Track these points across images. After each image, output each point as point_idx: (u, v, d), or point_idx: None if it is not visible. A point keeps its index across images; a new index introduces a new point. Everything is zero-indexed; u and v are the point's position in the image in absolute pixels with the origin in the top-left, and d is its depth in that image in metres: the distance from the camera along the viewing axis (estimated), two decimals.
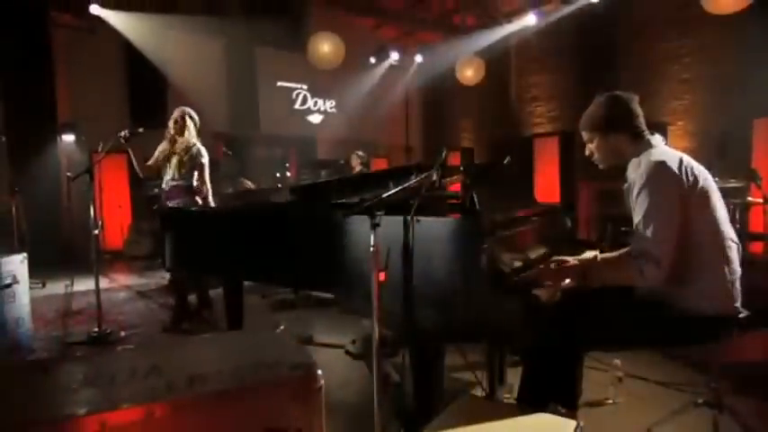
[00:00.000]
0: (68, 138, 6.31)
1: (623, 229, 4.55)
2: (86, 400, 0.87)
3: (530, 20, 7.12)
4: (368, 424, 1.56)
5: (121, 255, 6.45)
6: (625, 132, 1.68)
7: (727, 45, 5.88)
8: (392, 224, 1.57)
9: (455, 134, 9.66)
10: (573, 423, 1.29)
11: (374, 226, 1.54)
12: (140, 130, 3.47)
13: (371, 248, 1.52)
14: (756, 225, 4.73)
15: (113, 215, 6.43)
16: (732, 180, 4.11)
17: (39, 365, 1.21)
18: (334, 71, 7.58)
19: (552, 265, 1.70)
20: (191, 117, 3.57)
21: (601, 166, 1.80)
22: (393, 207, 1.58)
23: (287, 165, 7.90)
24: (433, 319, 1.61)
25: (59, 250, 6.00)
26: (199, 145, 3.57)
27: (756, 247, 4.89)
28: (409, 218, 1.55)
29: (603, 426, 2.06)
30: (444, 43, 8.26)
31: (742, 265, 1.60)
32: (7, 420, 0.77)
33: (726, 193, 1.94)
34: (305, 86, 8.74)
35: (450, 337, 1.68)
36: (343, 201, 2.03)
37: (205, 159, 3.55)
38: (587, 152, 1.80)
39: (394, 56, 8.66)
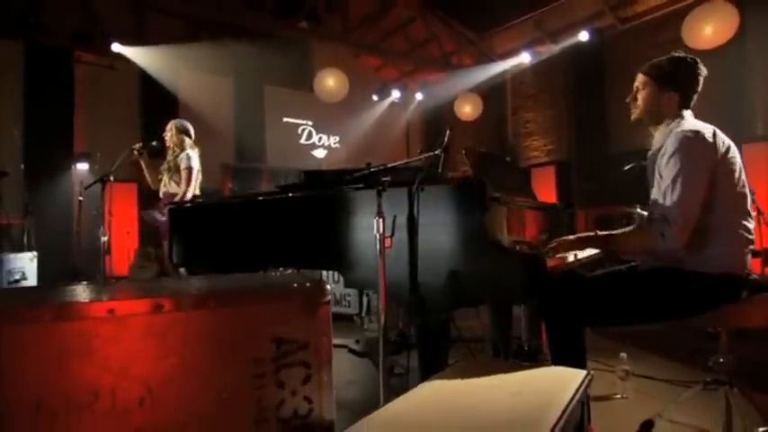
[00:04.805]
0: (83, 166, 6.56)
1: None
2: (95, 296, 0.90)
3: (523, 58, 7.54)
4: None
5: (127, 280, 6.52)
6: (680, 98, 1.65)
7: (712, 77, 6.14)
8: (398, 196, 1.64)
9: (455, 168, 9.90)
10: (583, 372, 1.28)
11: (380, 192, 1.62)
12: (154, 143, 3.66)
13: (377, 216, 1.59)
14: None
15: (121, 241, 6.55)
16: None
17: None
18: (338, 108, 7.94)
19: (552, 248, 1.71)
20: (178, 128, 3.73)
21: (633, 116, 1.77)
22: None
23: None
24: (439, 284, 1.62)
25: (66, 273, 6.08)
26: (189, 152, 3.67)
27: (754, 265, 4.91)
28: (414, 188, 1.63)
29: (614, 417, 2.06)
30: (443, 80, 8.67)
31: None
32: (12, 306, 0.79)
33: None
34: (310, 123, 9.08)
35: (455, 301, 1.66)
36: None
37: (193, 164, 3.62)
38: (629, 98, 1.77)
39: (395, 94, 9.09)
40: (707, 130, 1.58)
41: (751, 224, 1.61)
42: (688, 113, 1.68)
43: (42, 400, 0.77)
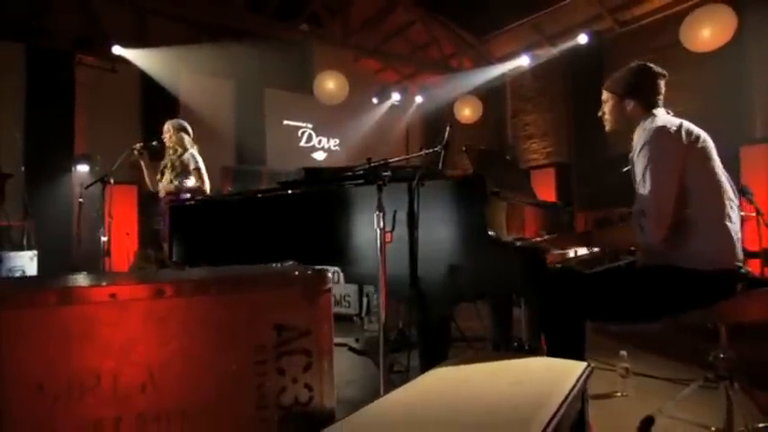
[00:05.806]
0: (83, 168, 6.57)
1: None
2: (97, 281, 0.90)
3: (523, 61, 7.58)
4: None
5: None
6: (640, 103, 1.71)
7: (710, 80, 6.20)
8: (398, 191, 1.65)
9: (454, 168, 9.91)
10: (583, 364, 1.27)
11: (380, 188, 1.62)
12: (154, 143, 3.67)
13: (377, 211, 1.59)
14: (752, 243, 4.78)
15: (121, 242, 6.54)
16: None
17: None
18: (338, 111, 7.96)
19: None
20: (176, 127, 3.73)
21: (606, 128, 1.86)
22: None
23: None
24: (439, 279, 1.63)
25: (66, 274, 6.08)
26: (192, 151, 3.68)
27: (753, 266, 4.90)
28: (414, 184, 1.64)
29: (615, 415, 2.06)
30: (443, 83, 8.70)
31: None
32: (14, 291, 0.78)
33: None
34: (310, 125, 9.11)
35: (455, 296, 1.67)
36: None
37: (199, 164, 3.65)
38: (600, 112, 1.86)
39: (395, 96, 9.12)
40: (672, 122, 1.61)
41: (735, 212, 1.59)
42: (660, 111, 1.71)
43: (44, 384, 0.77)
